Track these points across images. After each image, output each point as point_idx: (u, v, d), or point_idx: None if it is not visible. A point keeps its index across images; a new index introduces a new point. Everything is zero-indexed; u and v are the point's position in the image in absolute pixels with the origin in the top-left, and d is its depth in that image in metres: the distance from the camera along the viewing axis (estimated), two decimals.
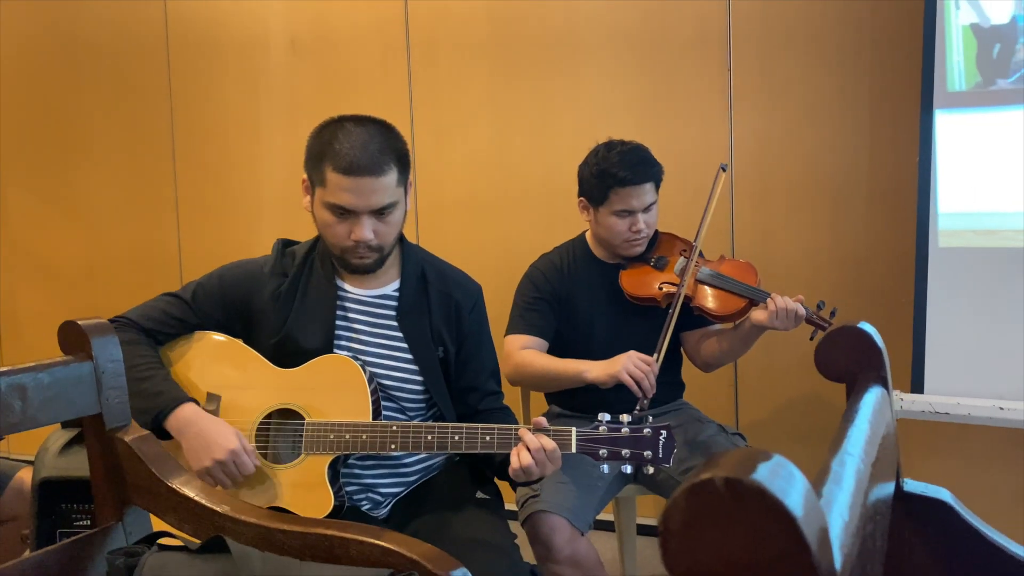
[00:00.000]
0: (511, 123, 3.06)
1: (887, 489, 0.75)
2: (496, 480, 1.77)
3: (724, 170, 2.16)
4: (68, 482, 1.96)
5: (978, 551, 0.82)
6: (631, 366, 1.94)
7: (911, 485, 0.86)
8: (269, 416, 1.65)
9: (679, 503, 0.38)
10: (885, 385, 0.85)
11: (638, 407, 1.92)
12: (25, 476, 2.15)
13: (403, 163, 1.63)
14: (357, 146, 1.58)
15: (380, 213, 1.61)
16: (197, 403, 1.62)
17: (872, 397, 0.77)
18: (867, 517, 0.54)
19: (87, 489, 1.95)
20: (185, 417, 1.58)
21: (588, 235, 2.28)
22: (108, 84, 3.68)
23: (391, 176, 1.59)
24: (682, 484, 0.39)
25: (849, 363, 0.87)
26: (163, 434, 1.60)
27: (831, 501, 0.49)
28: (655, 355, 2.00)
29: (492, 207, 3.10)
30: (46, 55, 3.78)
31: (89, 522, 1.95)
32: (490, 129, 3.09)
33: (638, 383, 1.93)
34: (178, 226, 3.62)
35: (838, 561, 0.40)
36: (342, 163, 1.57)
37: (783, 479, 0.36)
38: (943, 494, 0.86)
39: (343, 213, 1.60)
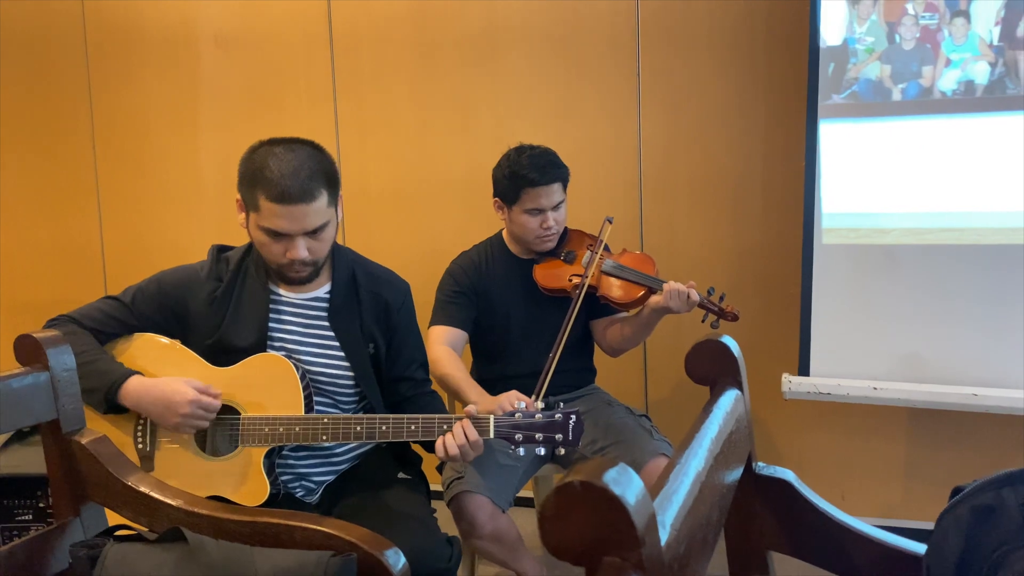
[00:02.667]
0: (432, 118, 3.18)
1: (734, 474, 0.93)
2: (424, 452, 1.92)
3: (610, 223, 2.34)
4: (9, 479, 2.05)
5: (813, 519, 1.02)
6: (507, 407, 2.05)
7: (761, 468, 1.05)
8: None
9: (551, 497, 0.54)
10: (740, 388, 1.03)
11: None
12: None
13: (332, 184, 1.73)
14: (287, 174, 1.66)
15: (313, 233, 1.72)
16: (142, 374, 1.73)
17: (727, 399, 0.96)
18: (703, 500, 0.71)
19: (28, 485, 2.05)
20: (136, 389, 1.70)
21: (504, 233, 2.45)
22: (25, 73, 3.64)
23: (321, 200, 1.69)
24: (554, 485, 0.56)
25: (712, 369, 1.05)
26: (116, 409, 1.71)
27: (671, 492, 0.66)
28: (534, 395, 2.02)
29: (414, 200, 3.23)
30: None
31: (31, 516, 2.04)
32: (412, 124, 3.21)
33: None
34: (100, 219, 3.62)
35: (665, 536, 0.58)
36: (273, 192, 1.66)
37: (622, 481, 0.53)
38: (787, 474, 1.06)
39: (278, 236, 1.71)
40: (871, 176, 2.52)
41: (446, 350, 2.27)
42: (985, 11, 2.36)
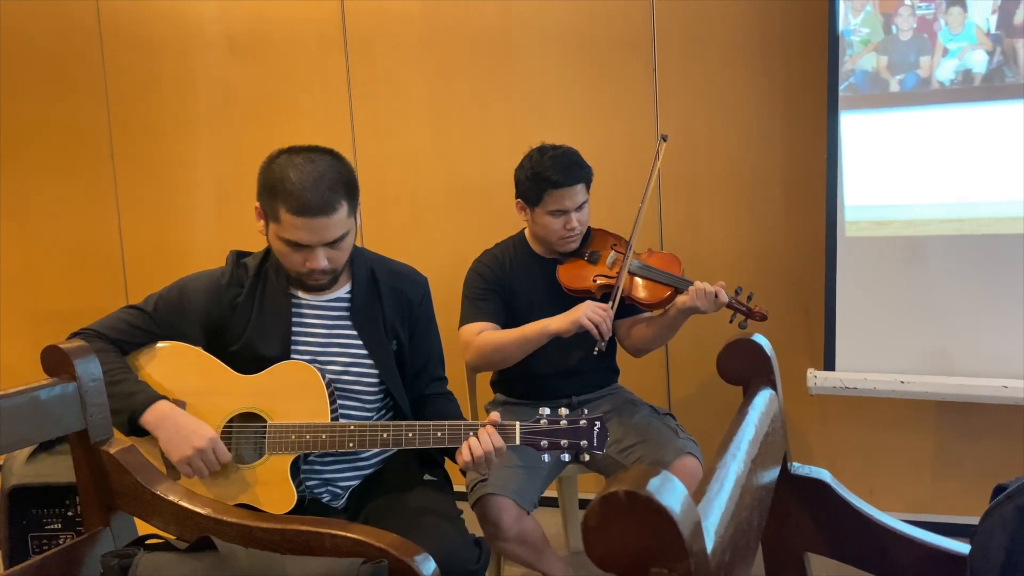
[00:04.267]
0: (449, 120, 3.17)
1: (771, 475, 0.92)
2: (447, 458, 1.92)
3: (665, 140, 2.33)
4: (37, 488, 2.05)
5: (851, 520, 1.00)
6: (590, 312, 2.13)
7: (797, 468, 1.04)
8: (231, 420, 1.77)
9: (595, 508, 0.53)
10: (773, 387, 1.02)
11: (596, 349, 2.17)
12: None
13: (352, 194, 1.72)
14: (308, 186, 1.65)
15: (332, 243, 1.71)
16: (168, 399, 1.73)
17: (761, 400, 0.94)
18: (744, 505, 0.70)
19: (56, 494, 2.05)
20: (161, 413, 1.68)
21: (527, 233, 2.44)
22: (42, 82, 3.67)
23: (341, 212, 1.69)
24: (596, 495, 0.54)
25: (745, 369, 1.03)
26: (137, 431, 1.71)
27: (712, 498, 0.65)
28: (610, 302, 2.19)
29: (432, 202, 3.22)
30: None
31: (59, 525, 2.05)
32: (428, 126, 3.20)
33: (596, 327, 2.12)
34: (119, 225, 3.65)
35: (710, 544, 0.56)
36: (294, 205, 1.65)
37: (667, 490, 0.52)
38: (823, 475, 1.04)
39: (298, 246, 1.70)
40: (890, 167, 2.49)
41: (485, 334, 2.25)
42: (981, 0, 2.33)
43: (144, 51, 3.51)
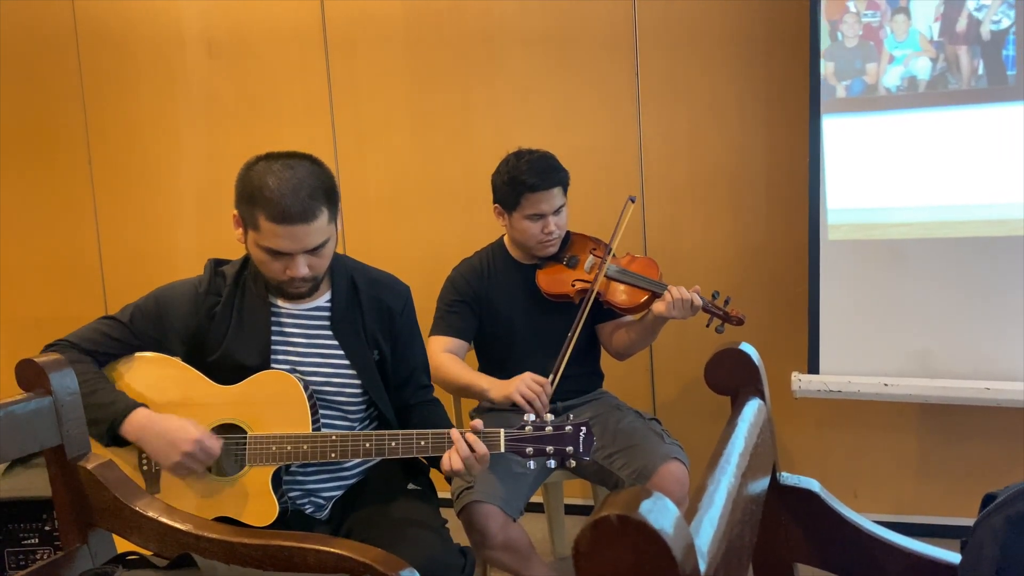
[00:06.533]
0: (431, 123, 3.15)
1: (761, 486, 0.91)
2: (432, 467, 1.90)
3: (632, 202, 2.32)
4: (13, 503, 2.02)
5: (840, 530, 0.99)
6: (524, 388, 2.09)
7: (785, 478, 1.03)
8: (211, 431, 1.74)
9: (586, 532, 0.52)
10: (762, 396, 1.01)
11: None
12: None
13: (332, 200, 1.69)
14: (288, 193, 1.62)
15: (313, 250, 1.69)
16: (147, 407, 1.70)
17: (750, 411, 0.93)
18: (735, 521, 0.69)
19: (32, 509, 2.02)
20: (140, 422, 1.66)
21: (505, 238, 2.43)
22: (16, 86, 3.61)
23: (322, 219, 1.66)
24: (588, 519, 0.53)
25: (733, 379, 1.02)
26: (119, 442, 1.68)
27: (703, 516, 0.64)
28: (551, 376, 2.15)
29: (414, 206, 3.20)
30: None
31: (37, 540, 2.01)
32: (410, 129, 3.18)
33: (531, 403, 2.08)
34: (97, 231, 3.60)
35: (703, 564, 0.55)
36: (274, 212, 1.62)
37: (659, 512, 0.51)
38: (812, 484, 1.04)
39: (278, 254, 1.68)
40: (872, 171, 2.50)
41: (448, 355, 2.26)
42: (924, 7, 2.36)
43: (121, 54, 3.46)
